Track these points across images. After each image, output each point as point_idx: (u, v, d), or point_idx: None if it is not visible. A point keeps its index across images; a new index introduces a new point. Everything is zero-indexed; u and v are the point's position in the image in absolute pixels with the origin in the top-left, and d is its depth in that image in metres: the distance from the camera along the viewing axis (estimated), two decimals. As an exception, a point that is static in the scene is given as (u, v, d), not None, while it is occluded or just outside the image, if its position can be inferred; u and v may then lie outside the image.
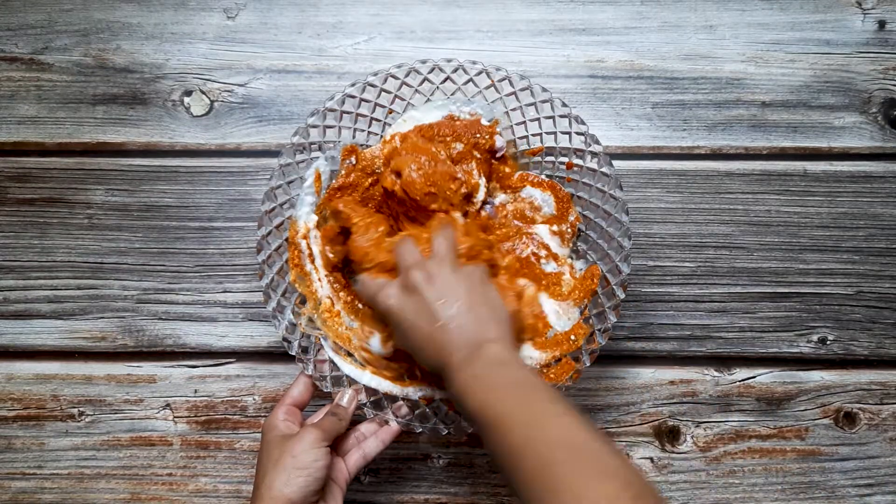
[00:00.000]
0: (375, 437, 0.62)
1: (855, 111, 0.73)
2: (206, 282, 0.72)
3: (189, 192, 0.73)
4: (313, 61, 0.73)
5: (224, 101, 0.73)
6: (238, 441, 0.71)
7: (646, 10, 0.74)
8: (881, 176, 0.72)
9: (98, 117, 0.73)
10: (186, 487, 0.71)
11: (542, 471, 0.45)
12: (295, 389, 0.61)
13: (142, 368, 0.72)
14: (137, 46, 0.74)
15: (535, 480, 0.45)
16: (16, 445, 0.71)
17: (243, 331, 0.72)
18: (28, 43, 0.74)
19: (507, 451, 0.47)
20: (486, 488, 0.71)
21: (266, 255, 0.62)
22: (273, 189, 0.62)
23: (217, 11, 0.74)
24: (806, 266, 0.72)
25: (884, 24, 0.73)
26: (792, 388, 0.72)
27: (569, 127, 0.64)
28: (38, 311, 0.72)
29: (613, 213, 0.63)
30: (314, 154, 0.64)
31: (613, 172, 0.63)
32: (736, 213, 0.72)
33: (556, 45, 0.74)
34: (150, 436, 0.71)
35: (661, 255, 0.72)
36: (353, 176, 0.65)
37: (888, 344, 0.72)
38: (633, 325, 0.72)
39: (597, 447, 0.46)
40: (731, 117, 0.73)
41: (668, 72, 0.73)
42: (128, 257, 0.72)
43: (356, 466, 0.60)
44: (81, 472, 0.71)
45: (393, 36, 0.74)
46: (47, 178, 0.73)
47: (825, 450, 0.71)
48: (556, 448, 0.46)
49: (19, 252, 0.72)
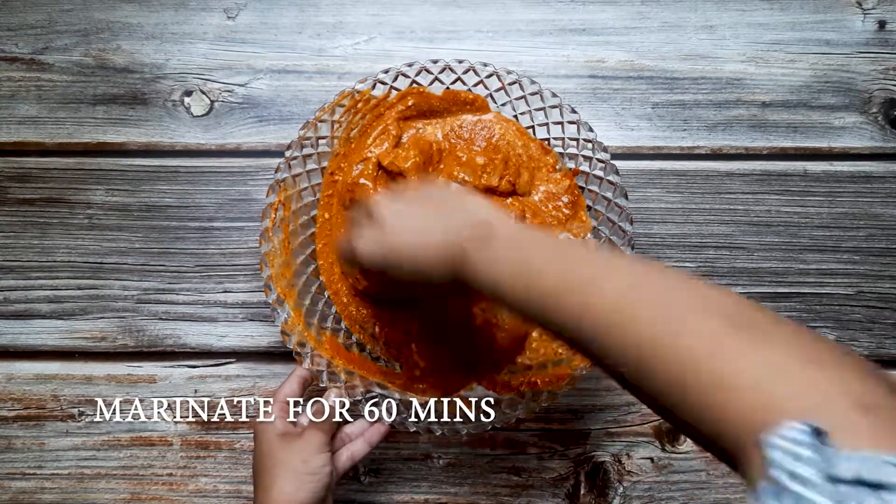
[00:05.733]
0: (363, 439, 0.62)
1: (855, 111, 0.73)
2: (206, 282, 0.72)
3: (189, 192, 0.73)
4: (313, 61, 0.73)
5: (224, 101, 0.73)
6: (238, 441, 0.71)
7: (646, 10, 0.74)
8: (881, 176, 0.72)
9: (98, 117, 0.73)
10: (186, 487, 0.71)
11: (626, 327, 0.37)
12: (287, 387, 0.61)
13: (142, 368, 0.72)
14: (138, 46, 0.74)
15: (620, 340, 0.38)
16: (16, 445, 0.71)
17: (243, 331, 0.72)
18: (28, 43, 0.74)
19: (572, 318, 0.40)
20: (486, 488, 0.71)
21: (268, 248, 0.62)
22: (279, 182, 0.62)
23: (217, 11, 0.74)
24: (806, 266, 0.72)
25: (884, 24, 0.73)
26: (792, 388, 0.72)
27: (577, 133, 0.64)
28: (38, 311, 0.72)
29: (617, 222, 0.63)
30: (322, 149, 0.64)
31: (619, 181, 0.63)
32: (736, 213, 0.72)
33: (556, 45, 0.74)
34: (150, 436, 0.71)
35: (661, 255, 0.72)
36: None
37: (888, 344, 0.72)
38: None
39: (680, 278, 0.39)
40: (732, 117, 0.73)
41: (668, 72, 0.73)
42: (128, 257, 0.72)
43: (344, 468, 0.60)
44: (81, 472, 0.71)
45: (393, 36, 0.74)
46: (47, 178, 0.73)
47: (825, 450, 0.71)
48: (630, 293, 0.38)
49: (19, 252, 0.72)
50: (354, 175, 0.65)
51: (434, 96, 0.65)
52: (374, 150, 0.65)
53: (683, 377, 0.34)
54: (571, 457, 0.72)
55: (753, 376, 0.32)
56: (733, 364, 0.33)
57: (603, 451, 0.72)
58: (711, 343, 0.34)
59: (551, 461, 0.72)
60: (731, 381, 0.32)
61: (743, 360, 0.33)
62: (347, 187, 0.65)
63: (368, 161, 0.65)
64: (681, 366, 0.34)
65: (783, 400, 0.30)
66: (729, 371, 0.33)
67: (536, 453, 0.72)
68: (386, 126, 0.66)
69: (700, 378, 0.33)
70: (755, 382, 0.32)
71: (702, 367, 0.33)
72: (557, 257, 0.43)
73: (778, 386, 0.31)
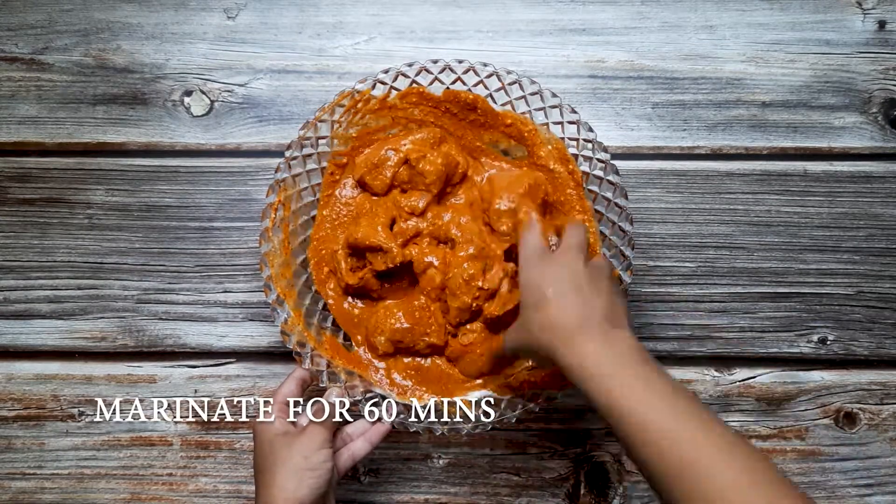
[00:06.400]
0: (363, 439, 0.62)
1: (855, 111, 0.73)
2: (206, 282, 0.72)
3: (189, 192, 0.73)
4: (313, 61, 0.73)
5: (224, 101, 0.73)
6: (238, 441, 0.71)
7: (646, 10, 0.74)
8: (881, 176, 0.72)
9: (98, 117, 0.73)
10: (186, 487, 0.71)
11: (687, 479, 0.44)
12: (286, 388, 0.61)
13: (142, 368, 0.72)
14: (138, 46, 0.74)
15: (678, 483, 0.44)
16: (16, 445, 0.71)
17: (243, 331, 0.72)
18: (28, 43, 0.74)
19: (650, 455, 0.46)
20: (486, 488, 0.71)
21: (268, 248, 0.62)
22: (279, 181, 0.62)
23: (217, 11, 0.74)
24: (806, 266, 0.72)
25: (884, 24, 0.73)
26: (792, 388, 0.72)
27: (577, 133, 0.64)
28: (38, 311, 0.72)
29: (617, 222, 0.63)
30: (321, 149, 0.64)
31: (619, 181, 0.63)
32: (736, 213, 0.72)
33: (556, 45, 0.74)
34: (150, 436, 0.71)
35: (661, 255, 0.72)
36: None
37: (888, 344, 0.72)
38: (634, 326, 0.72)
39: (747, 452, 0.44)
40: (732, 117, 0.73)
41: (668, 72, 0.73)
42: (128, 257, 0.72)
43: (344, 467, 0.60)
44: (81, 472, 0.71)
45: (393, 36, 0.74)
46: (47, 178, 0.73)
47: (825, 450, 0.71)
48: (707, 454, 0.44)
49: (19, 252, 0.72)
50: (380, 156, 0.65)
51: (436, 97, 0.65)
52: (406, 144, 0.66)
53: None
54: (571, 457, 0.72)
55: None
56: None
57: (603, 451, 0.72)
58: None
59: (551, 461, 0.72)
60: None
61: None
62: (370, 165, 0.65)
63: (399, 151, 0.65)
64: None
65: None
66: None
67: (536, 453, 0.72)
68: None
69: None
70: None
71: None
72: (665, 415, 0.46)
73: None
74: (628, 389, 0.47)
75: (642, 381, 0.48)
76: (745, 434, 0.71)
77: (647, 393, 0.47)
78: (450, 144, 0.66)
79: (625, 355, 0.49)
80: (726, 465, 0.43)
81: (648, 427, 0.46)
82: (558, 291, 0.52)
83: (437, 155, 0.65)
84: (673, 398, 0.47)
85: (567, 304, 0.51)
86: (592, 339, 0.49)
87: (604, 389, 0.48)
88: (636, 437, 0.46)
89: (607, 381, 0.48)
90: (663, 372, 0.49)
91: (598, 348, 0.49)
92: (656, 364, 0.49)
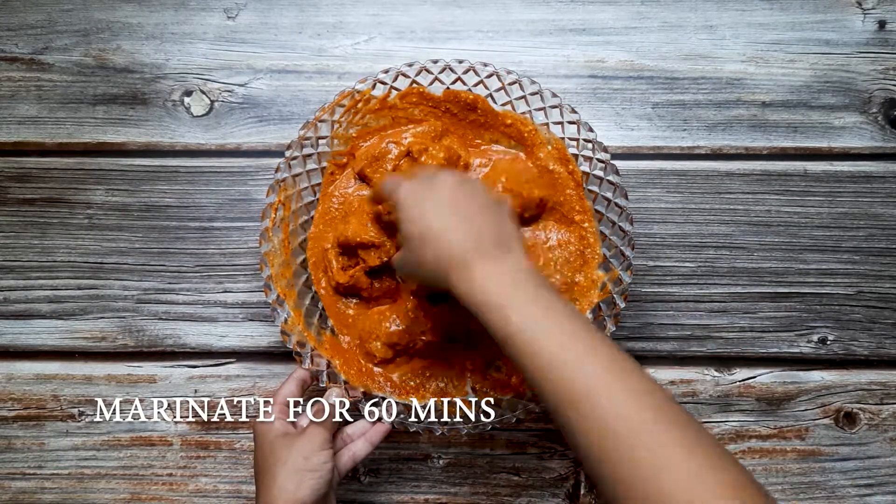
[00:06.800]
0: (364, 439, 0.62)
1: (855, 111, 0.73)
2: (206, 282, 0.72)
3: (189, 192, 0.73)
4: (313, 61, 0.73)
5: (224, 101, 0.73)
6: (238, 441, 0.71)
7: (646, 10, 0.74)
8: (881, 176, 0.72)
9: (98, 117, 0.73)
10: (186, 487, 0.71)
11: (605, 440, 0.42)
12: (286, 388, 0.61)
13: (142, 368, 0.72)
14: (138, 46, 0.74)
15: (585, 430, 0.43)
16: (16, 445, 0.71)
17: (243, 331, 0.72)
18: (28, 43, 0.74)
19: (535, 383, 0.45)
20: (486, 488, 0.71)
21: (268, 248, 0.62)
22: (279, 181, 0.62)
23: (217, 11, 0.74)
24: (806, 266, 0.72)
25: (884, 24, 0.73)
26: (792, 388, 0.72)
27: (577, 133, 0.64)
28: (38, 311, 0.72)
29: (617, 222, 0.63)
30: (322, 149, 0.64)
31: (619, 181, 0.63)
32: (736, 213, 0.72)
33: (556, 45, 0.74)
34: (150, 436, 0.71)
35: (661, 255, 0.72)
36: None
37: (888, 344, 0.72)
38: (634, 326, 0.72)
39: (638, 374, 0.43)
40: (732, 117, 0.73)
41: (668, 72, 0.73)
42: (128, 257, 0.72)
43: (345, 468, 0.60)
44: (81, 472, 0.71)
45: (393, 36, 0.74)
46: (47, 178, 0.73)
47: (825, 450, 0.71)
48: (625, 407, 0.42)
49: (19, 252, 0.72)
50: (381, 149, 0.65)
51: (436, 97, 0.65)
52: (408, 137, 0.66)
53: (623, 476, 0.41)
54: (571, 457, 0.72)
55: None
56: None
57: (603, 451, 0.72)
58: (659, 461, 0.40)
59: (551, 461, 0.72)
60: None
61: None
62: (371, 158, 0.65)
63: (400, 144, 0.65)
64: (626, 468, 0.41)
65: None
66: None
67: (536, 453, 0.72)
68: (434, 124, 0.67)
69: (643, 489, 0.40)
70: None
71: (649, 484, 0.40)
72: (554, 332, 0.45)
73: None
74: (523, 315, 0.46)
75: (540, 308, 0.46)
76: (746, 434, 0.71)
77: (545, 318, 0.46)
78: (451, 138, 0.66)
79: (518, 280, 0.48)
80: (619, 388, 0.42)
81: (541, 352, 0.44)
82: (441, 224, 0.50)
83: (439, 148, 0.65)
84: (570, 322, 0.45)
85: (453, 234, 0.50)
86: (484, 266, 0.48)
87: (501, 317, 0.46)
88: (532, 362, 0.45)
89: (505, 310, 0.46)
90: (557, 294, 0.48)
91: (491, 275, 0.48)
92: (549, 286, 0.48)
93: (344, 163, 0.66)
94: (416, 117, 0.66)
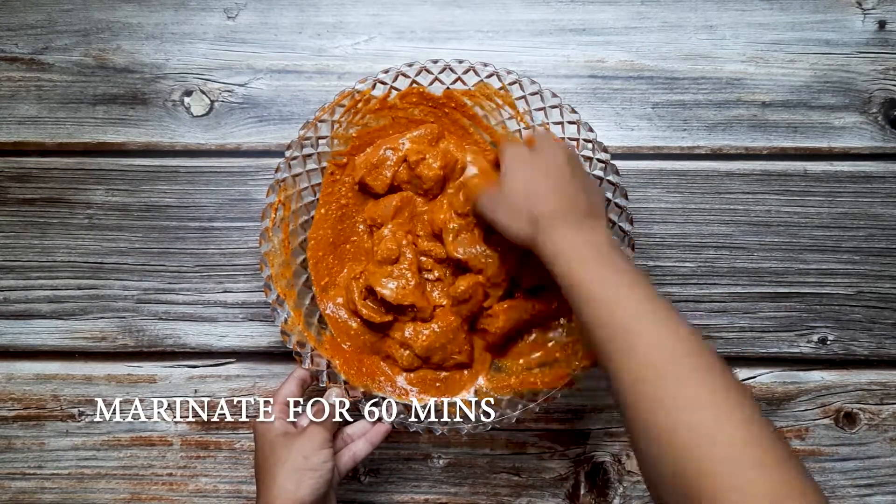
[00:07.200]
0: (364, 439, 0.62)
1: (855, 111, 0.73)
2: (206, 282, 0.72)
3: (189, 192, 0.73)
4: (313, 61, 0.73)
5: (224, 101, 0.73)
6: (238, 441, 0.71)
7: (646, 10, 0.74)
8: (881, 176, 0.72)
9: (98, 117, 0.73)
10: (186, 487, 0.71)
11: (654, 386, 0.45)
12: (286, 388, 0.61)
13: (142, 368, 0.72)
14: (138, 46, 0.74)
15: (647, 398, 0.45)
16: (16, 445, 0.72)
17: (243, 331, 0.72)
18: (28, 43, 0.74)
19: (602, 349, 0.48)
20: (486, 488, 0.71)
21: (268, 248, 0.62)
22: (279, 181, 0.62)
23: (217, 11, 0.74)
24: (806, 266, 0.72)
25: (884, 24, 0.73)
26: (792, 388, 0.72)
27: (577, 133, 0.64)
28: (38, 311, 0.72)
29: (618, 222, 0.63)
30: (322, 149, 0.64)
31: (619, 181, 0.63)
32: (736, 213, 0.72)
33: (556, 45, 0.74)
34: (150, 436, 0.71)
35: (661, 255, 0.72)
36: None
37: (888, 344, 0.72)
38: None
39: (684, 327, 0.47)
40: (732, 117, 0.73)
41: (668, 72, 0.73)
42: (128, 257, 0.72)
43: (346, 468, 0.60)
44: (81, 472, 0.71)
45: (393, 36, 0.74)
46: (47, 178, 0.73)
47: (825, 450, 0.71)
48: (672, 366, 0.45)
49: (19, 252, 0.72)
50: (380, 156, 0.66)
51: (436, 97, 0.65)
52: (405, 143, 0.66)
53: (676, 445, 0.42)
54: (571, 457, 0.72)
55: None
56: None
57: (603, 451, 0.72)
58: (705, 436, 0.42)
59: (551, 461, 0.72)
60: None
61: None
62: (370, 166, 0.66)
63: (398, 150, 0.65)
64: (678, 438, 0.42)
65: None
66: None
67: (536, 453, 0.72)
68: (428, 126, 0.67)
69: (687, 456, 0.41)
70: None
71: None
72: (623, 293, 0.49)
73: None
74: (589, 268, 0.51)
75: (606, 267, 0.51)
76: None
77: (607, 272, 0.51)
78: (448, 140, 0.66)
79: (594, 242, 0.53)
80: (665, 336, 0.46)
81: (597, 300, 0.49)
82: (548, 187, 0.56)
83: (436, 156, 0.65)
84: (631, 281, 0.50)
85: (554, 199, 0.55)
86: (570, 228, 0.53)
87: (568, 269, 0.51)
88: (589, 309, 0.49)
89: (575, 264, 0.51)
90: (628, 261, 0.52)
91: (574, 236, 0.53)
92: (622, 254, 0.53)
93: (344, 163, 0.66)
94: (416, 117, 0.66)
